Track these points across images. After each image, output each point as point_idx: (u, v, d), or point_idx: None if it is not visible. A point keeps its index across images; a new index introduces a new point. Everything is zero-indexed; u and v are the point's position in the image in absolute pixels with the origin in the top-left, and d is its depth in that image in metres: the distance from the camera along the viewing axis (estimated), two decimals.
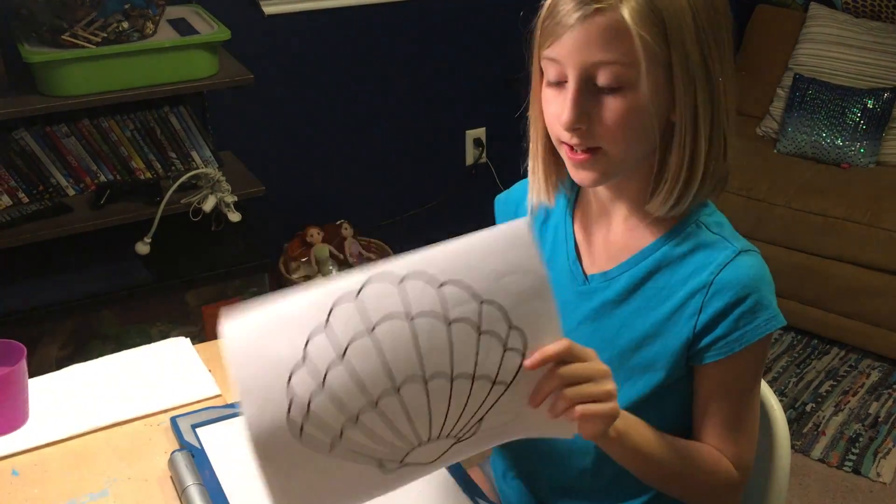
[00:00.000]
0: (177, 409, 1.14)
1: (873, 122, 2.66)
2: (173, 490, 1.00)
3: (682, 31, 0.87)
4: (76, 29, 1.97)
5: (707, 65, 0.89)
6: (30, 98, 1.99)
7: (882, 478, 2.14)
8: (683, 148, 0.91)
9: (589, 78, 0.89)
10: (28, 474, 1.04)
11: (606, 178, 0.95)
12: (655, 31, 0.86)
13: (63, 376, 1.21)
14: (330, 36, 2.64)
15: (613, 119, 0.90)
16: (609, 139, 0.91)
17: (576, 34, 0.88)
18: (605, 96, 0.89)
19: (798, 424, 2.31)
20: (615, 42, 0.87)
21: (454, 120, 2.98)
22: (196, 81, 2.12)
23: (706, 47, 0.89)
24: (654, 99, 0.89)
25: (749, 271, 0.93)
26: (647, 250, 0.97)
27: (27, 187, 2.15)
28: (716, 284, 0.92)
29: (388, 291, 0.73)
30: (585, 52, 0.88)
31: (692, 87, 0.89)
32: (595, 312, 1.00)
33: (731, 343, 0.93)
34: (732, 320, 0.92)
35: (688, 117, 0.90)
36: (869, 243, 2.42)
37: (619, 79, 0.88)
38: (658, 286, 0.96)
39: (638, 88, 0.88)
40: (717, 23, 0.90)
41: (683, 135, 0.91)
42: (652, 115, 0.90)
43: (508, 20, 2.92)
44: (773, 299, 0.94)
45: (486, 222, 3.52)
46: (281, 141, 2.68)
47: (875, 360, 2.55)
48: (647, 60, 0.87)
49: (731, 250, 0.93)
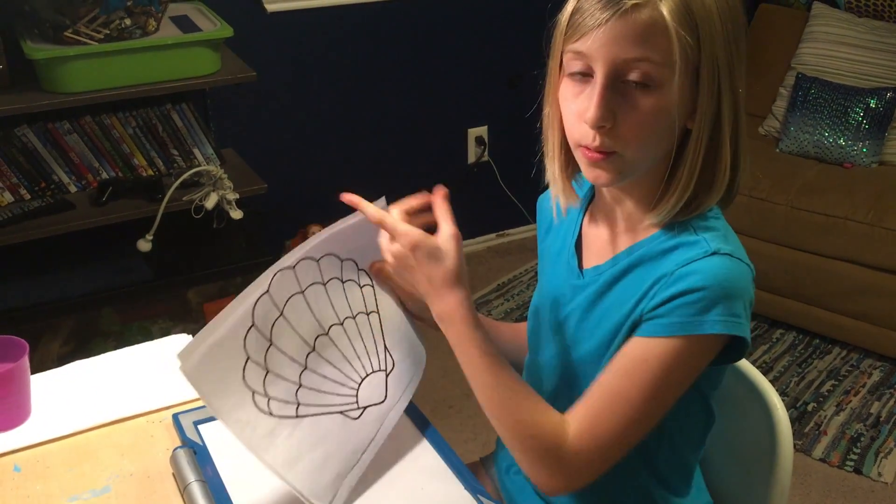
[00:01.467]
0: (179, 405, 1.14)
1: (876, 121, 2.66)
2: (175, 487, 1.00)
3: (713, 37, 0.87)
4: (79, 26, 1.97)
5: (732, 74, 0.89)
6: (32, 95, 1.99)
7: (883, 478, 2.13)
8: (698, 157, 0.91)
9: (618, 75, 0.88)
10: (30, 470, 1.04)
11: (620, 179, 0.94)
12: (691, 33, 0.86)
13: (65, 373, 1.21)
14: (332, 33, 2.64)
15: (639, 118, 0.89)
16: (629, 140, 0.90)
17: (610, 29, 0.87)
18: (635, 93, 0.89)
19: (799, 424, 2.31)
20: (652, 39, 0.86)
21: (456, 118, 2.98)
22: (198, 78, 2.12)
23: (733, 56, 0.89)
24: (680, 102, 0.89)
25: (714, 271, 0.89)
26: (635, 247, 0.97)
27: (29, 184, 2.15)
28: (676, 274, 0.90)
29: (312, 266, 0.99)
30: (618, 47, 0.87)
31: (717, 95, 0.89)
32: (584, 304, 1.01)
33: (661, 326, 0.89)
34: (673, 306, 0.89)
35: (706, 125, 0.90)
36: (871, 243, 2.42)
37: (650, 77, 0.87)
38: (636, 279, 0.96)
39: (667, 89, 0.88)
40: (739, 33, 0.90)
41: (699, 143, 0.90)
42: (675, 118, 0.89)
43: (511, 18, 2.93)
44: (724, 305, 0.88)
45: (488, 220, 3.55)
46: (283, 138, 2.68)
47: (877, 359, 2.55)
48: (683, 61, 0.87)
49: (704, 250, 0.91)
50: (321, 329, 1.00)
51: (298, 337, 0.97)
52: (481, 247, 3.18)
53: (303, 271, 0.98)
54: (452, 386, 2.39)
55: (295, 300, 0.97)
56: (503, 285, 2.92)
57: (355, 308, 1.03)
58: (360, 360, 1.04)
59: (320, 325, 0.99)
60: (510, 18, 2.87)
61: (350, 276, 1.03)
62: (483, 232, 3.18)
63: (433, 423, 1.12)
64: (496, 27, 2.89)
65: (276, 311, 0.95)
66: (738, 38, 0.90)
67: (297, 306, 0.97)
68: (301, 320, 0.97)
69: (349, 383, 1.02)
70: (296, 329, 0.97)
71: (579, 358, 1.02)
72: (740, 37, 0.91)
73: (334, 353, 1.01)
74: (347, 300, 1.03)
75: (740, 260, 0.92)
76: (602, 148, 0.91)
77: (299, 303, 0.97)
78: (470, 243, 3.16)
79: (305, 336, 0.98)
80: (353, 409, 1.01)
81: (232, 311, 0.92)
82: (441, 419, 2.26)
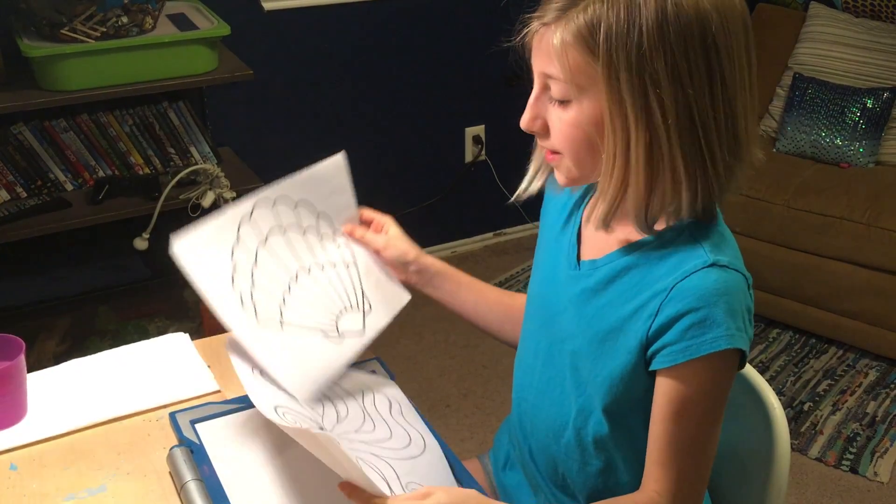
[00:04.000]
0: (176, 404, 1.14)
1: (873, 121, 2.66)
2: (172, 486, 1.00)
3: (615, 60, 0.85)
4: (75, 23, 1.96)
5: (647, 99, 0.85)
6: (28, 93, 1.99)
7: (879, 477, 2.14)
8: (610, 178, 0.90)
9: (546, 85, 0.92)
10: (26, 469, 1.04)
11: (572, 182, 0.97)
12: (588, 56, 0.86)
13: (62, 371, 1.21)
14: (329, 32, 2.63)
15: (557, 130, 0.93)
16: (559, 147, 0.94)
17: (534, 39, 0.92)
18: (554, 106, 0.92)
19: (796, 423, 2.31)
20: (552, 59, 0.89)
21: (453, 117, 2.98)
22: (195, 77, 2.11)
23: (651, 80, 0.85)
24: (592, 120, 0.89)
25: (711, 285, 0.89)
26: (632, 246, 0.97)
27: (25, 182, 2.14)
28: (675, 290, 0.91)
29: (288, 210, 1.06)
30: (538, 59, 0.92)
31: (623, 119, 0.87)
32: (578, 297, 1.01)
33: (676, 353, 0.91)
34: (680, 329, 0.90)
35: (619, 148, 0.88)
36: (867, 243, 2.42)
37: (563, 94, 0.90)
38: (632, 282, 0.96)
39: (580, 105, 0.89)
40: (680, 51, 0.85)
41: (612, 165, 0.89)
42: (594, 133, 0.90)
43: (509, 17, 2.92)
44: (729, 320, 0.89)
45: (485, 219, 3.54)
46: (280, 137, 2.67)
47: (873, 359, 2.55)
48: (577, 84, 0.88)
49: (702, 260, 0.91)
50: (302, 265, 1.07)
51: (281, 264, 1.04)
52: (478, 246, 3.18)
53: (280, 211, 1.05)
54: (450, 385, 2.39)
55: (275, 234, 1.04)
56: (500, 284, 2.92)
57: (333, 258, 1.11)
58: (339, 298, 1.09)
59: (300, 261, 1.06)
60: (508, 17, 2.87)
61: (325, 231, 1.11)
62: (480, 231, 3.18)
63: (430, 421, 1.12)
64: (494, 26, 2.88)
65: (257, 237, 1.02)
66: (677, 54, 0.85)
67: (277, 240, 1.04)
68: (281, 253, 1.04)
69: (328, 315, 1.08)
70: (278, 257, 1.04)
71: (572, 350, 1.02)
72: (682, 53, 0.85)
73: (314, 287, 1.07)
74: (326, 251, 1.10)
75: (737, 271, 0.92)
76: (547, 149, 0.96)
77: (278, 237, 1.05)
78: (467, 242, 3.16)
79: (287, 265, 1.05)
80: (334, 333, 1.07)
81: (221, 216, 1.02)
82: (438, 418, 2.26)
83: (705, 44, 0.86)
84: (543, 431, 1.08)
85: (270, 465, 1.03)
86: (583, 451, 1.03)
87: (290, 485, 1.00)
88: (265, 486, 0.99)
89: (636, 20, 0.84)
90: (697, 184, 0.89)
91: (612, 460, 1.02)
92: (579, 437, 1.03)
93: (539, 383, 1.08)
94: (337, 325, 1.07)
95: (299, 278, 1.05)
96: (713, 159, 0.89)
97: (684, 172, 0.88)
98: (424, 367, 1.15)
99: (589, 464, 1.04)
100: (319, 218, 1.10)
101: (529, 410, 1.10)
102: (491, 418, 2.28)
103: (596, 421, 1.00)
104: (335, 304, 1.08)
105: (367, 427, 1.05)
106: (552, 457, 1.08)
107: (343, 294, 1.09)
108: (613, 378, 0.97)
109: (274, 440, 1.06)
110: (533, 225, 3.22)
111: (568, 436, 1.04)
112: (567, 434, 1.04)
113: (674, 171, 0.88)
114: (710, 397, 0.93)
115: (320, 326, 1.06)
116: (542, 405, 1.07)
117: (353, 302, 1.10)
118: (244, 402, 1.12)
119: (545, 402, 1.07)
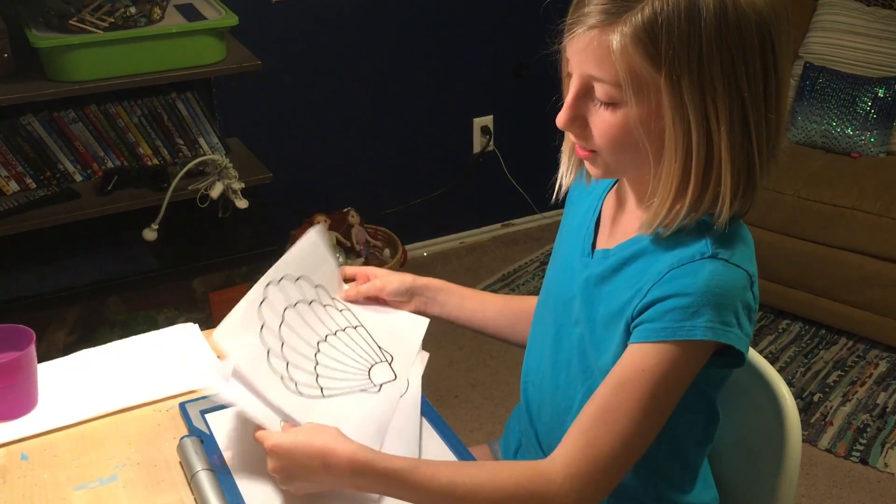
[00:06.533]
0: (185, 394, 1.14)
1: (884, 111, 2.64)
2: (182, 475, 1.00)
3: (677, 63, 0.83)
4: (83, 14, 1.96)
5: (706, 102, 0.85)
6: (37, 83, 1.99)
7: (889, 468, 2.13)
8: (670, 182, 0.89)
9: (588, 86, 0.90)
10: (37, 459, 1.04)
11: (609, 175, 0.97)
12: (647, 59, 0.84)
13: (72, 361, 1.21)
14: (337, 22, 2.63)
15: (602, 131, 0.91)
16: (599, 146, 0.92)
17: (580, 40, 0.88)
18: (599, 107, 0.90)
19: (806, 414, 2.30)
20: (605, 63, 0.86)
21: (462, 108, 2.97)
22: (203, 67, 2.11)
23: (709, 83, 0.84)
24: (646, 123, 0.87)
25: (704, 275, 0.88)
26: (641, 237, 0.97)
27: (34, 173, 2.14)
28: (668, 275, 0.90)
29: (291, 286, 1.09)
30: (584, 62, 0.89)
31: (685, 123, 0.86)
32: (587, 283, 1.02)
33: (650, 332, 0.89)
34: (662, 311, 0.89)
35: (678, 152, 0.87)
36: (878, 233, 2.41)
37: (610, 97, 0.88)
38: (636, 270, 0.96)
39: (628, 107, 0.87)
40: (739, 55, 0.84)
41: (671, 169, 0.88)
42: (642, 136, 0.88)
43: (517, 7, 2.91)
44: (714, 312, 0.87)
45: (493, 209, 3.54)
46: (288, 128, 2.67)
47: (883, 350, 2.54)
48: (634, 88, 0.85)
49: (701, 251, 0.90)
50: (319, 336, 1.09)
51: (302, 339, 1.07)
52: (486, 237, 3.17)
53: (288, 289, 1.09)
54: (458, 376, 2.39)
55: (290, 311, 1.07)
56: (508, 275, 2.91)
57: (341, 323, 1.13)
58: (361, 357, 1.11)
59: (316, 332, 1.09)
60: (516, 7, 2.86)
61: (326, 301, 1.14)
62: (488, 222, 3.18)
63: (439, 412, 1.12)
64: (502, 16, 2.87)
65: (277, 318, 1.05)
66: (735, 58, 0.84)
67: (294, 316, 1.07)
68: (300, 328, 1.07)
69: (359, 372, 1.09)
70: (298, 333, 1.06)
71: (579, 335, 1.02)
72: (741, 56, 0.84)
73: (336, 353, 1.09)
74: (334, 319, 1.13)
75: (737, 266, 0.90)
76: (581, 146, 0.94)
77: (293, 314, 1.08)
78: (475, 233, 3.16)
79: (308, 339, 1.07)
80: (371, 386, 1.08)
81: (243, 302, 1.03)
82: (447, 409, 2.26)
83: (763, 45, 0.85)
84: (549, 415, 1.08)
85: None
86: None
87: None
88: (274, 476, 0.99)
89: (696, 22, 0.82)
90: (740, 187, 0.89)
91: None
92: None
93: (547, 367, 1.08)
94: (371, 379, 1.09)
95: (321, 348, 1.08)
96: (760, 163, 0.88)
97: (731, 177, 0.87)
98: (433, 357, 1.15)
99: None
100: (318, 289, 1.13)
101: (536, 394, 1.11)
102: (500, 408, 2.28)
103: None
104: (361, 362, 1.10)
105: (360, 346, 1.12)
106: (557, 441, 1.07)
107: (363, 353, 1.11)
108: (611, 363, 0.96)
109: None
110: (541, 216, 3.21)
111: (573, 420, 1.04)
112: (571, 418, 1.04)
113: (721, 175, 0.87)
114: (662, 381, 0.89)
115: (358, 386, 1.07)
116: (548, 389, 1.08)
117: (376, 358, 1.12)
118: None
119: (552, 386, 1.07)
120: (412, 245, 2.97)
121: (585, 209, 1.09)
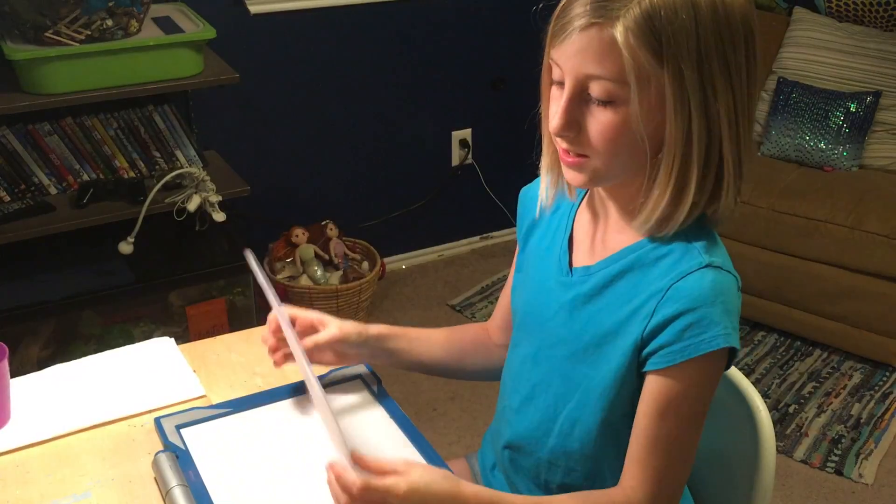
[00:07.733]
0: (161, 409, 1.13)
1: (856, 125, 2.69)
2: (157, 491, 1.00)
3: (679, 55, 0.85)
4: (60, 26, 1.95)
5: (706, 93, 0.87)
6: (12, 96, 1.98)
7: (864, 479, 2.15)
8: (669, 173, 0.90)
9: (582, 88, 0.89)
10: (10, 475, 1.03)
11: (594, 182, 0.96)
12: (650, 51, 0.85)
13: (45, 376, 1.20)
14: (316, 36, 2.63)
15: (600, 132, 0.90)
16: (594, 149, 0.91)
17: (575, 43, 0.87)
18: (596, 108, 0.89)
19: (781, 426, 2.32)
20: (608, 58, 0.86)
21: (440, 121, 2.98)
22: (181, 80, 2.10)
23: (708, 74, 0.86)
24: (646, 118, 0.88)
25: (707, 285, 0.90)
26: (627, 250, 0.98)
27: (9, 186, 2.12)
28: (671, 291, 0.91)
29: None
30: (581, 62, 0.88)
31: (686, 114, 0.87)
32: (571, 304, 1.01)
33: (675, 354, 0.91)
34: (677, 330, 0.91)
35: (678, 145, 0.88)
36: (851, 246, 2.44)
37: (609, 94, 0.88)
38: (628, 285, 0.96)
39: (628, 105, 0.87)
40: (730, 47, 0.87)
41: (672, 162, 0.89)
42: (641, 133, 0.89)
43: (495, 22, 2.93)
44: (725, 319, 0.90)
45: (471, 223, 3.53)
46: (266, 141, 2.67)
47: (857, 361, 2.57)
48: (638, 81, 0.86)
49: (697, 262, 0.92)
50: None
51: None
52: (465, 249, 3.18)
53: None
54: (437, 389, 2.39)
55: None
56: (487, 288, 2.92)
57: None
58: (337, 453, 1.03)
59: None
60: (495, 21, 2.88)
61: None
62: (467, 234, 3.18)
63: (417, 425, 1.11)
64: (481, 30, 2.89)
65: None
66: (728, 52, 0.87)
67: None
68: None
69: None
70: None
71: (563, 356, 1.02)
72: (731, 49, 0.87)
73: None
74: None
75: (729, 272, 0.93)
76: (571, 152, 0.93)
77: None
78: (454, 246, 3.16)
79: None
80: None
81: None
82: (425, 422, 2.26)
83: (746, 38, 0.88)
84: (527, 438, 1.08)
85: (256, 470, 1.02)
86: (568, 458, 1.03)
87: (275, 490, 1.00)
88: (250, 492, 0.99)
89: (694, 14, 0.85)
90: (731, 185, 0.91)
91: (598, 469, 1.02)
92: (564, 443, 1.03)
93: (525, 389, 1.08)
94: None
95: None
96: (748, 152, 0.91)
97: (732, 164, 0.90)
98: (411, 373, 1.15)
99: (574, 470, 1.04)
100: None
101: (513, 418, 1.10)
102: (478, 421, 2.28)
103: (582, 428, 1.01)
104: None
105: None
106: (535, 464, 1.08)
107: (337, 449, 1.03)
108: (607, 382, 0.97)
109: (260, 446, 1.06)
110: None
111: (552, 442, 1.04)
112: (551, 441, 1.04)
113: (722, 161, 0.90)
114: (697, 396, 0.93)
115: None
116: (526, 412, 1.07)
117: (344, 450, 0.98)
118: (230, 407, 1.12)
119: (530, 409, 1.07)
120: (391, 258, 2.97)
121: (555, 227, 1.08)
